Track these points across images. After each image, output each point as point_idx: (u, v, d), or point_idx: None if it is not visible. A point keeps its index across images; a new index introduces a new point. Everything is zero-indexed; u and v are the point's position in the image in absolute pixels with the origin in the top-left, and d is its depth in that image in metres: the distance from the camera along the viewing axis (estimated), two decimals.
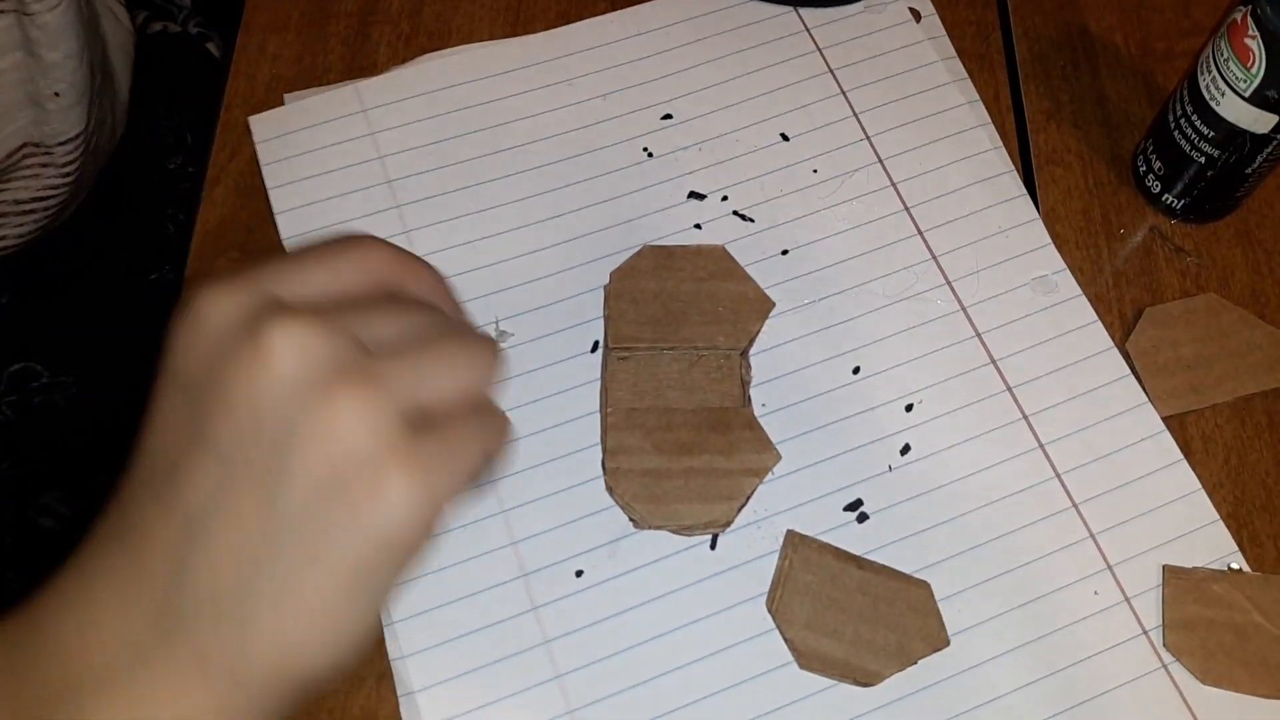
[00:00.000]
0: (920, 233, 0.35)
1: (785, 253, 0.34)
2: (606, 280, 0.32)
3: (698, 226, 0.34)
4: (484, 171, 0.35)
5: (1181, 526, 0.31)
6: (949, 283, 0.34)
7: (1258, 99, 0.30)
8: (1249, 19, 0.30)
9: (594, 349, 0.32)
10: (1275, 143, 0.31)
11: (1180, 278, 0.35)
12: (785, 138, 0.36)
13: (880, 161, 0.36)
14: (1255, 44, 0.29)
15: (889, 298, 0.34)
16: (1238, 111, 0.31)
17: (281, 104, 0.36)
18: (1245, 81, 0.30)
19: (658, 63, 0.37)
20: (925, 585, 0.29)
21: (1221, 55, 0.31)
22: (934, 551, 0.30)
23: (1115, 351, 0.33)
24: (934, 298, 0.34)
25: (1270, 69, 0.29)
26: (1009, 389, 0.33)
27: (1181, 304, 0.34)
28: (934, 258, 0.34)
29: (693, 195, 0.35)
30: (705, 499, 0.30)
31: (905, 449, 0.31)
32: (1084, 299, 0.34)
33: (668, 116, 0.36)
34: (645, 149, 0.36)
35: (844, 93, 0.37)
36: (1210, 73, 0.31)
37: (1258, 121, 0.31)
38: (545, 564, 0.29)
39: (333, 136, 0.35)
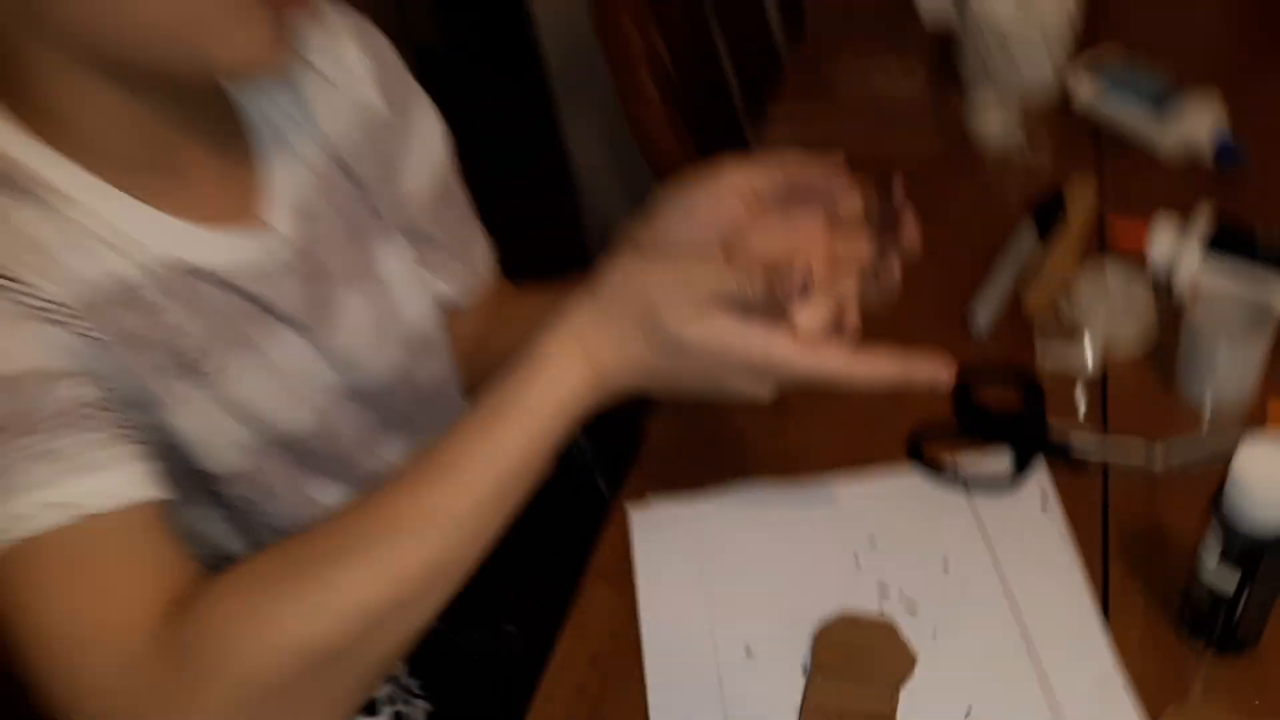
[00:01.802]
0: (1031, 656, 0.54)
1: (934, 636, 0.55)
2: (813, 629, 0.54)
3: (880, 611, 0.56)
4: (756, 558, 0.59)
5: None
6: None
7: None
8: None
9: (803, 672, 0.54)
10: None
11: None
12: (945, 569, 0.58)
13: (1009, 596, 0.56)
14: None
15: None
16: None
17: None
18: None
19: (873, 511, 0.61)
20: None
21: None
22: None
23: None
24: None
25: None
26: None
27: None
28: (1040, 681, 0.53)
29: (879, 586, 0.57)
30: None
31: None
32: None
33: (872, 541, 0.59)
34: (855, 555, 0.58)
35: (990, 546, 0.58)
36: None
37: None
38: None
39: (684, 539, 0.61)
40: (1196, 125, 0.80)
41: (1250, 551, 0.48)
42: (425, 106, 0.65)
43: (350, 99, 0.59)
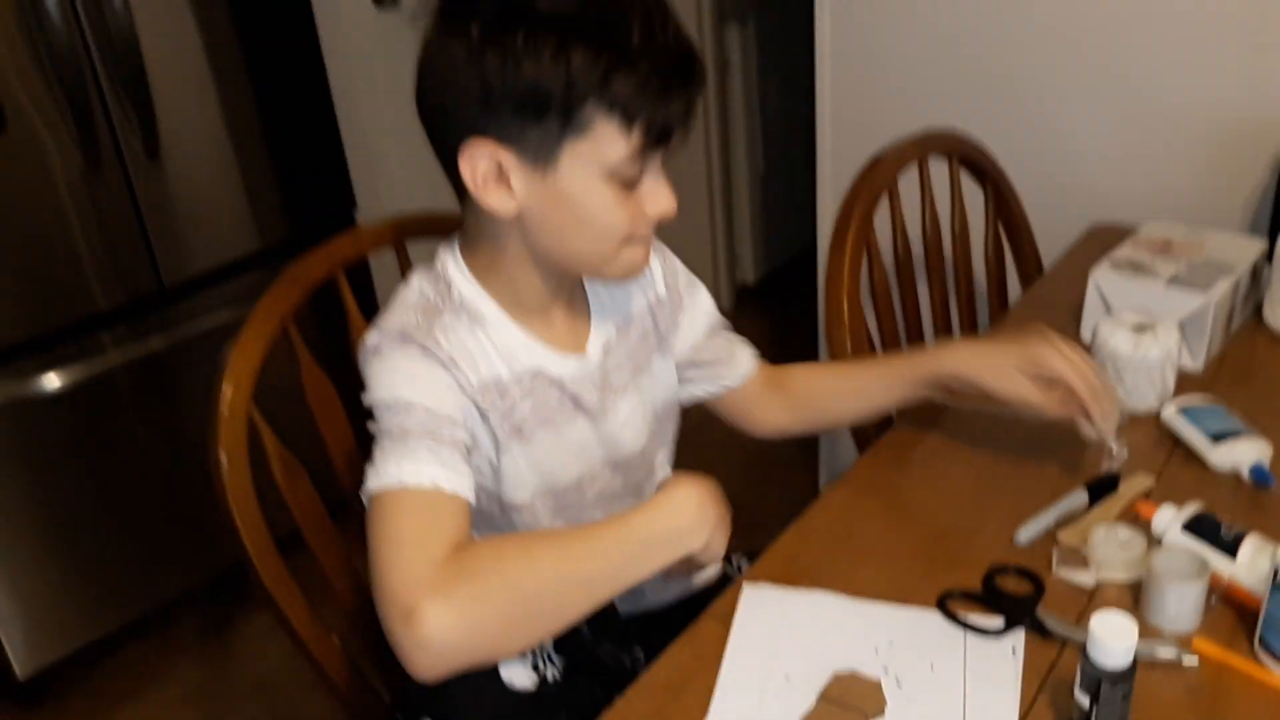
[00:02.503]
0: None
1: (909, 700, 0.86)
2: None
3: (877, 679, 0.88)
4: (814, 633, 0.93)
5: None
6: None
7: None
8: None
9: None
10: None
11: None
12: (930, 669, 0.89)
13: (963, 692, 0.87)
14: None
15: None
16: None
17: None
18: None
19: (899, 626, 0.93)
20: None
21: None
22: None
23: None
24: None
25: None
26: None
27: None
28: None
29: (883, 667, 0.89)
30: None
31: None
32: None
33: (890, 643, 0.92)
34: (875, 647, 0.91)
35: (964, 664, 0.89)
36: None
37: None
38: None
39: (773, 611, 0.96)
40: (1241, 456, 1.08)
41: (1095, 681, 0.78)
42: (698, 287, 1.11)
43: (643, 286, 1.05)
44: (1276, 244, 1.35)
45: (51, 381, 1.83)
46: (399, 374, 0.87)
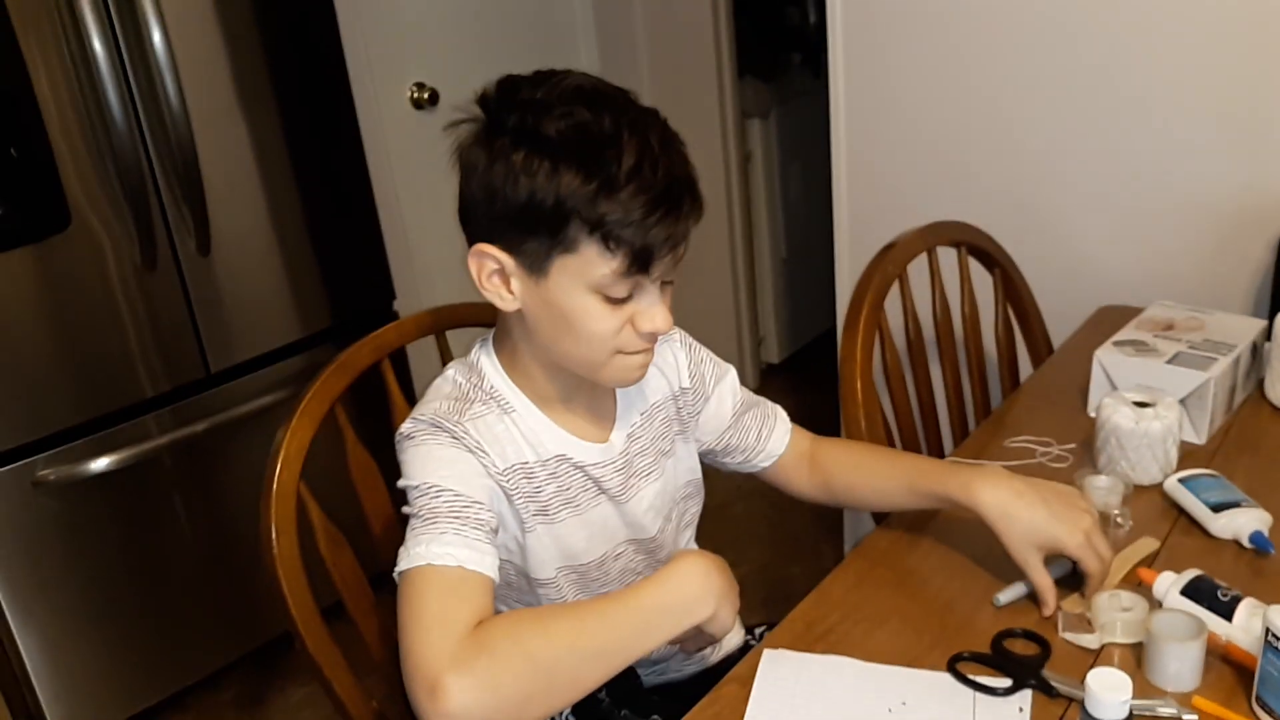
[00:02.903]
0: None
1: None
2: None
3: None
4: (833, 695, 0.98)
5: None
6: None
7: None
8: None
9: None
10: None
11: None
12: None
13: None
14: None
15: None
16: None
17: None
18: None
19: (912, 688, 0.98)
20: None
21: None
22: None
23: None
24: None
25: None
26: None
27: None
28: None
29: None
30: None
31: None
32: None
33: (904, 703, 0.96)
34: (889, 708, 0.95)
35: None
36: None
37: None
38: None
39: (792, 675, 1.01)
40: (1240, 526, 1.13)
41: None
42: (726, 374, 1.18)
43: (669, 380, 1.12)
44: (1275, 322, 1.40)
45: (100, 463, 1.92)
46: (430, 460, 0.95)
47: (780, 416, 1.23)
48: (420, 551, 0.88)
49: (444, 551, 0.88)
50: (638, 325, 0.95)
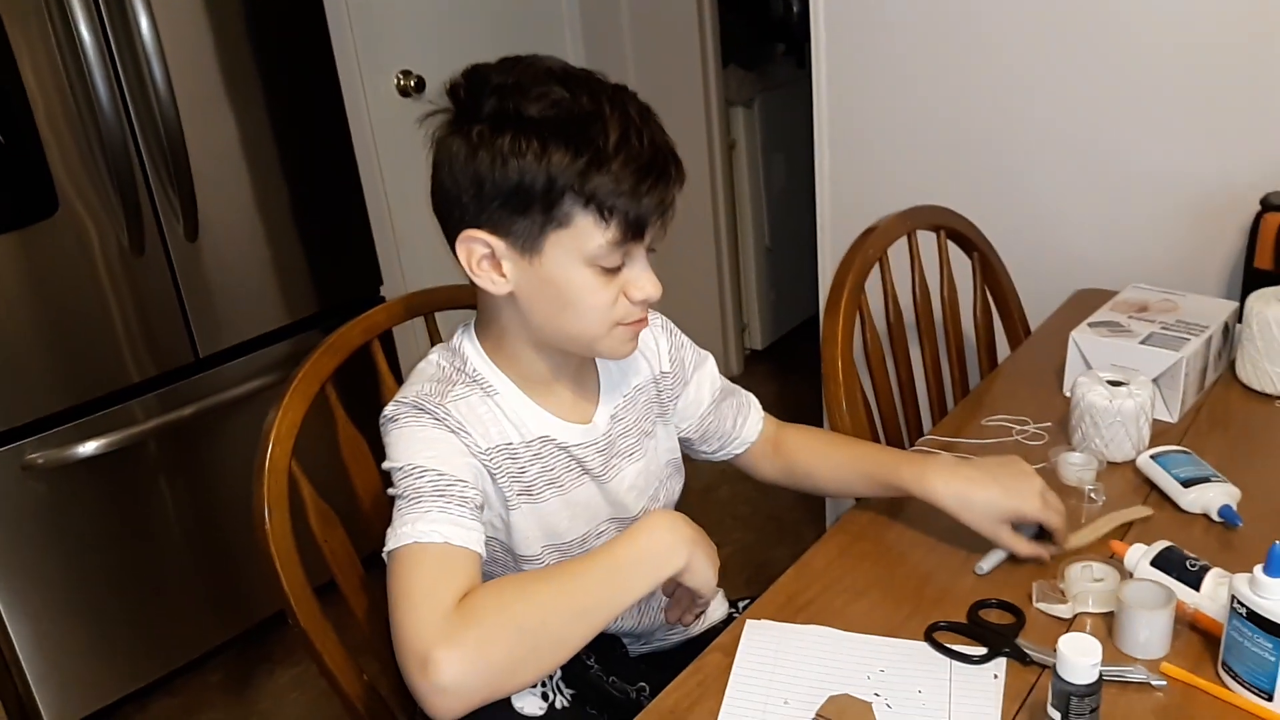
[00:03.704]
0: None
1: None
2: None
3: (869, 702, 0.95)
4: (812, 663, 1.00)
5: None
6: None
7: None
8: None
9: None
10: None
11: None
12: (919, 692, 0.96)
13: (949, 712, 0.94)
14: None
15: None
16: None
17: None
18: None
19: (890, 655, 1.01)
20: None
21: None
22: None
23: None
24: None
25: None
26: None
27: None
28: None
29: (874, 694, 0.96)
30: None
31: None
32: None
33: (883, 670, 0.99)
34: (868, 675, 0.98)
35: (949, 689, 0.96)
36: None
37: None
38: None
39: (774, 644, 1.04)
40: (1210, 500, 1.16)
41: (1064, 696, 0.85)
42: (705, 361, 1.21)
43: (649, 363, 1.15)
44: (1246, 304, 1.44)
45: (88, 447, 1.93)
46: (414, 441, 0.97)
47: (754, 404, 1.26)
48: (406, 531, 0.90)
49: (430, 529, 0.90)
50: (630, 294, 0.97)
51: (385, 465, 0.98)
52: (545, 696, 1.09)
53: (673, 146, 0.96)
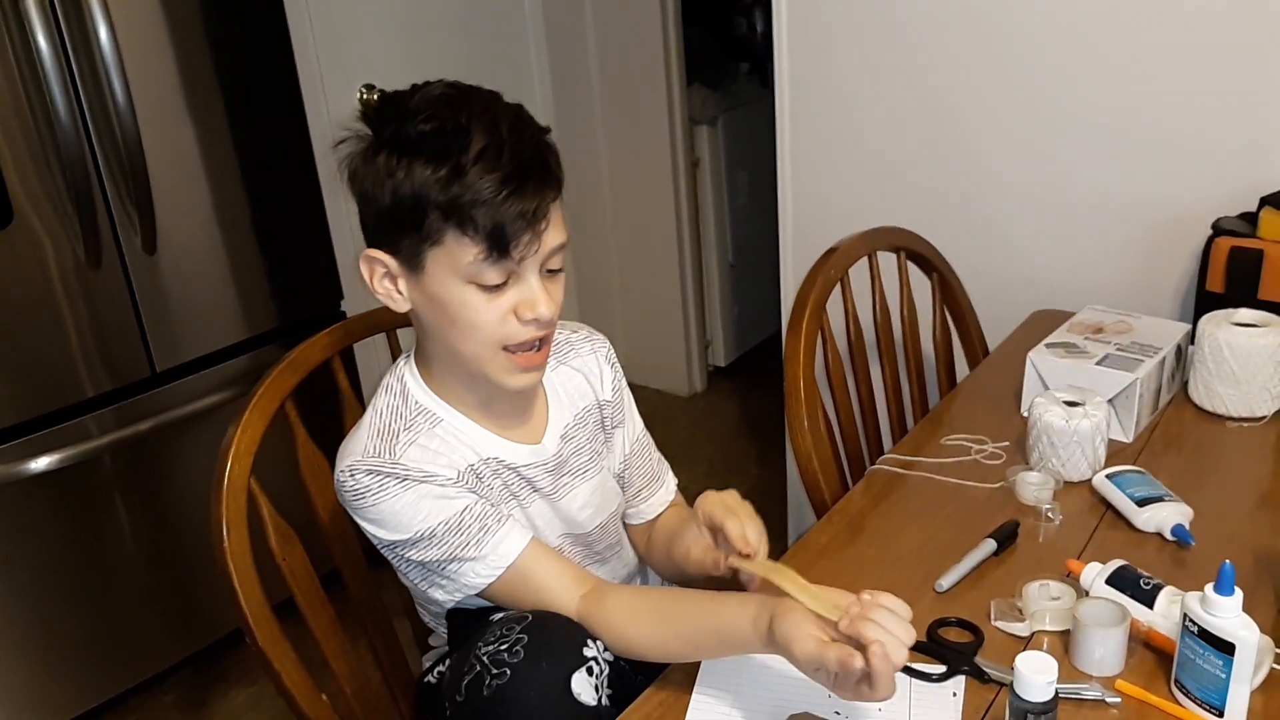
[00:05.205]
0: None
1: None
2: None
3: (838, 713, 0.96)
4: (777, 676, 1.01)
5: None
6: None
7: None
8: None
9: None
10: None
11: None
12: (879, 710, 0.97)
13: None
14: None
15: None
16: None
17: None
18: None
19: None
20: None
21: None
22: None
23: None
24: None
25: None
26: None
27: None
28: None
29: (835, 713, 0.97)
30: None
31: None
32: None
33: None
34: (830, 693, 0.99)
35: (910, 706, 0.97)
36: None
37: None
38: None
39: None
40: (1163, 519, 1.18)
41: (1021, 713, 0.86)
42: (634, 408, 1.22)
43: (594, 388, 1.16)
44: (1198, 326, 1.46)
45: (40, 463, 1.89)
46: (399, 515, 0.99)
47: (669, 485, 1.26)
48: (489, 565, 0.99)
49: (501, 550, 0.99)
50: (519, 313, 0.97)
51: (385, 543, 1.01)
52: (597, 689, 1.09)
53: (545, 158, 0.95)
